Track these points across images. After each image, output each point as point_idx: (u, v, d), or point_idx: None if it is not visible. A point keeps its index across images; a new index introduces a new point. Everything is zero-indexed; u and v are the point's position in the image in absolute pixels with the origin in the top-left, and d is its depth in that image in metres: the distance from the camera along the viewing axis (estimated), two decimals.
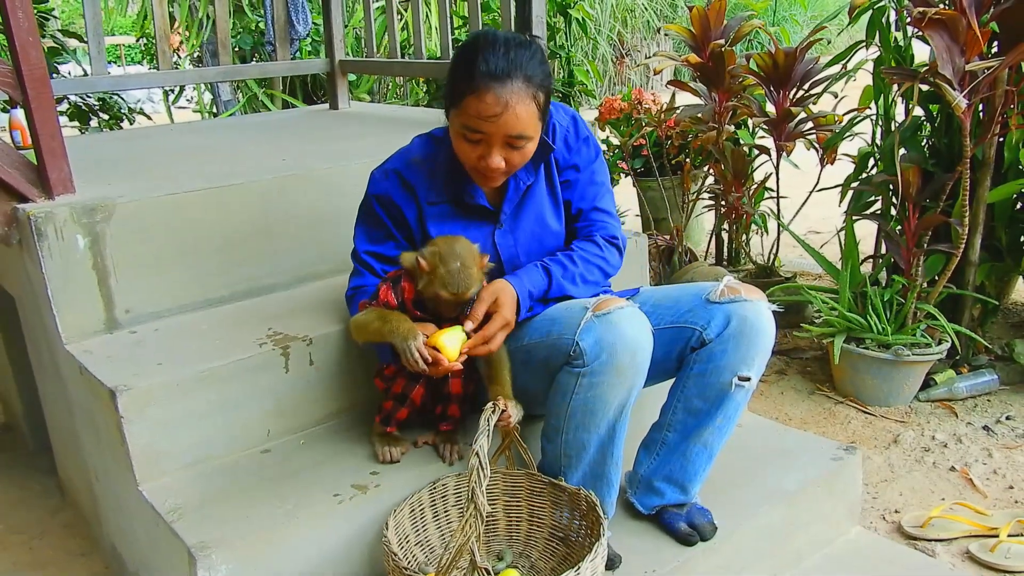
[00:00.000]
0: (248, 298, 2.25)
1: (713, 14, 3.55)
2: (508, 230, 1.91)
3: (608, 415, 1.71)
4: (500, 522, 1.87)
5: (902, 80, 2.80)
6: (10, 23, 1.87)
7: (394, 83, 6.49)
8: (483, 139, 1.70)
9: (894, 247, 2.99)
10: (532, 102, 1.68)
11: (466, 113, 1.68)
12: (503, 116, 1.65)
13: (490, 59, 1.64)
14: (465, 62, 1.68)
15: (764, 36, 6.51)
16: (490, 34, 1.72)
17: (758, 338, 1.75)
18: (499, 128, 1.67)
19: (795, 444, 2.24)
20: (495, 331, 1.73)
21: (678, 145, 4.43)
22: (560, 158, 1.92)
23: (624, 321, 1.65)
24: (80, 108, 5.08)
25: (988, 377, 2.99)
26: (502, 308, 1.75)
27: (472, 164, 1.76)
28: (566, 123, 1.93)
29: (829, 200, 3.63)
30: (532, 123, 1.70)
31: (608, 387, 1.67)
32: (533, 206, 1.92)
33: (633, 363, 1.66)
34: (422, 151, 1.90)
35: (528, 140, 1.72)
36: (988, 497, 2.43)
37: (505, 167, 1.74)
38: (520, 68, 1.65)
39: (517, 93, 1.65)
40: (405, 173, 1.87)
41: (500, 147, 1.71)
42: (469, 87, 1.66)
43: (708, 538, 1.84)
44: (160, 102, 8.94)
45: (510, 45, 1.67)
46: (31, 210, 1.92)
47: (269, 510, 1.69)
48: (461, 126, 1.71)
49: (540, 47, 1.74)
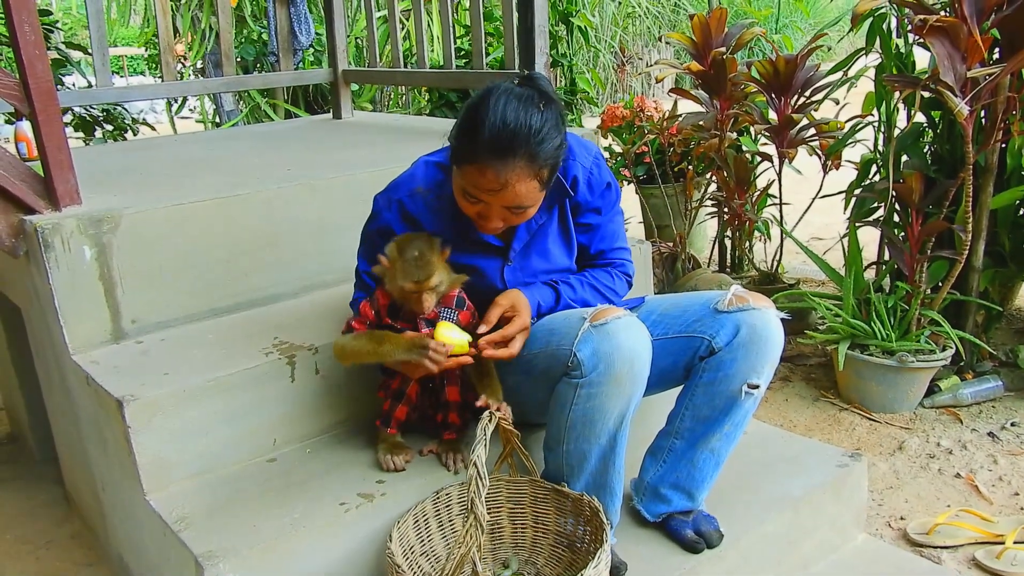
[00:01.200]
0: (254, 308, 2.26)
1: (714, 22, 3.56)
2: (518, 267, 1.89)
3: (608, 425, 1.71)
4: (505, 529, 1.87)
5: (904, 87, 2.81)
6: (17, 37, 1.89)
7: (396, 92, 6.51)
8: (481, 202, 1.67)
9: (897, 253, 3.00)
10: (534, 179, 1.63)
11: (466, 178, 1.65)
12: (501, 192, 1.62)
13: (495, 131, 1.57)
14: (471, 125, 1.61)
15: (766, 43, 6.54)
16: (499, 95, 1.61)
17: (767, 346, 1.76)
18: (497, 200, 1.64)
19: (800, 451, 2.24)
20: (514, 333, 1.72)
21: (680, 152, 4.45)
22: (582, 201, 1.88)
23: (621, 331, 1.65)
24: (84, 119, 5.09)
25: (993, 383, 2.99)
26: (521, 313, 1.75)
27: (471, 217, 1.74)
28: (589, 164, 1.86)
29: (832, 207, 3.64)
30: (532, 196, 1.65)
31: (606, 397, 1.67)
32: (544, 245, 1.90)
33: (631, 373, 1.65)
34: (427, 180, 1.84)
35: (528, 207, 1.69)
36: (994, 504, 2.42)
37: (504, 225, 1.73)
38: (525, 144, 1.58)
39: (518, 172, 1.59)
40: (409, 205, 1.83)
41: (499, 213, 1.69)
42: (471, 156, 1.61)
43: (714, 545, 1.84)
44: (163, 112, 8.97)
45: (519, 114, 1.58)
46: (38, 222, 1.93)
47: (276, 519, 1.70)
48: (460, 187, 1.68)
49: (554, 113, 1.64)
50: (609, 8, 9.50)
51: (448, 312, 1.81)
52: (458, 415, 1.90)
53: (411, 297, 1.74)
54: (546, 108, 1.62)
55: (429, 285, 1.72)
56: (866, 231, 3.32)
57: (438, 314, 1.80)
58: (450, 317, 1.80)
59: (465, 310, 1.84)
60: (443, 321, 1.75)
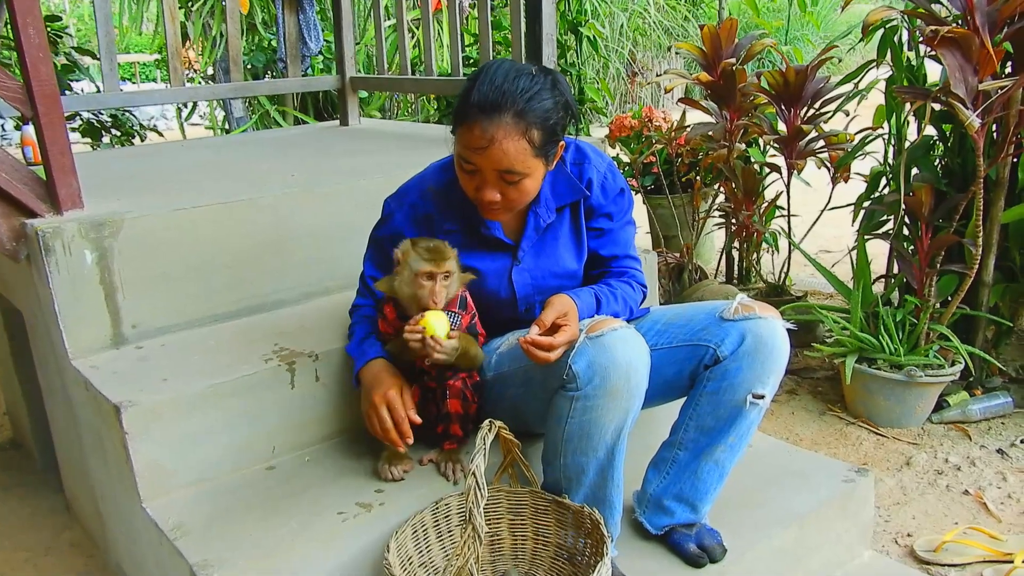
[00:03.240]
0: (255, 314, 2.25)
1: (724, 33, 3.54)
2: (525, 267, 1.90)
3: (605, 439, 1.68)
4: (505, 541, 1.85)
5: (914, 99, 2.78)
6: (21, 39, 1.89)
7: (405, 100, 6.52)
8: (476, 171, 1.69)
9: (906, 267, 2.97)
10: (522, 138, 1.64)
11: (459, 142, 1.69)
12: (488, 150, 1.64)
13: (483, 89, 1.63)
14: (465, 89, 1.68)
15: (776, 55, 6.52)
16: (496, 63, 1.69)
17: (772, 355, 1.73)
18: (487, 161, 1.66)
19: (806, 465, 2.21)
20: (561, 343, 1.67)
21: (688, 163, 4.43)
22: (595, 204, 1.90)
23: (618, 343, 1.63)
24: (92, 124, 5.11)
25: (1002, 399, 2.95)
26: (571, 324, 1.70)
27: (471, 195, 1.76)
28: (603, 169, 1.91)
29: (841, 219, 3.61)
30: (522, 159, 1.66)
31: (603, 411, 1.64)
32: (553, 246, 1.91)
33: (628, 386, 1.63)
34: (438, 180, 1.88)
35: (522, 176, 1.69)
36: (1002, 522, 2.39)
37: (502, 201, 1.72)
38: (511, 102, 1.62)
39: (504, 127, 1.62)
40: (419, 205, 1.87)
41: (494, 181, 1.69)
42: (461, 116, 1.66)
43: (718, 560, 1.81)
44: (173, 119, 9.01)
45: (508, 77, 1.64)
46: (39, 225, 1.93)
47: (273, 528, 1.68)
48: (457, 154, 1.72)
49: (551, 82, 1.69)
50: (619, 19, 9.50)
51: (452, 315, 1.80)
52: (460, 426, 1.89)
53: (422, 290, 1.74)
54: (541, 76, 1.68)
55: (445, 268, 1.73)
56: (875, 244, 3.30)
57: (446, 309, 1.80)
58: (453, 320, 1.79)
59: (467, 312, 1.84)
60: (435, 311, 1.74)
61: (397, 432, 1.76)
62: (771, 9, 10.78)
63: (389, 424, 1.75)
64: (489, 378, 1.91)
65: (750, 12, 6.33)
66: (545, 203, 1.86)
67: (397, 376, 1.82)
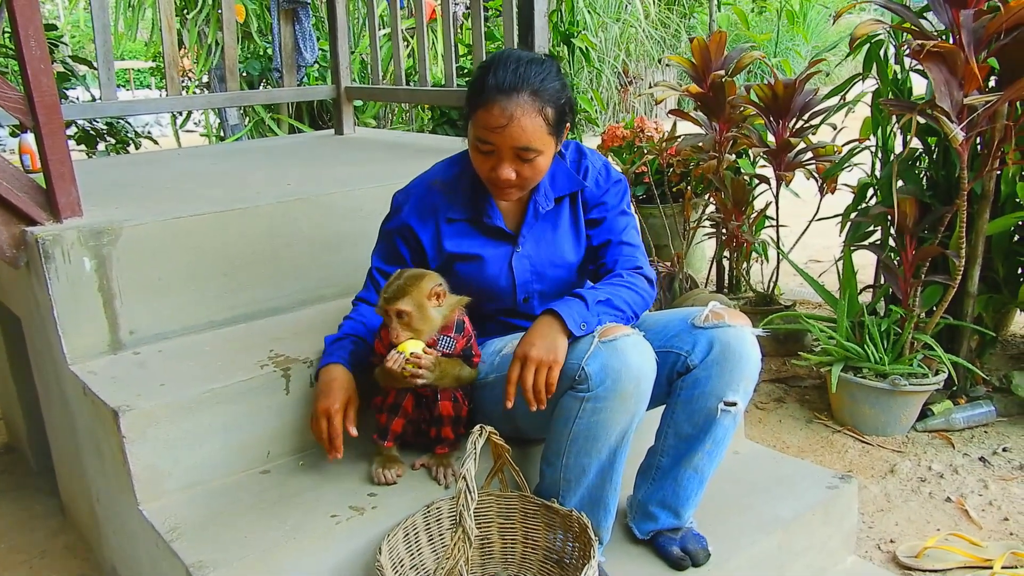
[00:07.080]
0: (251, 320, 2.28)
1: (714, 45, 3.59)
2: (525, 255, 1.95)
3: (610, 441, 1.72)
4: (495, 544, 1.88)
5: (901, 112, 2.83)
6: (23, 52, 1.92)
7: (399, 109, 6.55)
8: (493, 150, 1.77)
9: (892, 277, 3.01)
10: (539, 115, 1.74)
11: (477, 125, 1.77)
12: (508, 128, 1.72)
13: (499, 73, 1.73)
14: (479, 77, 1.78)
15: (765, 67, 6.57)
16: (506, 52, 1.81)
17: (740, 363, 1.77)
18: (505, 140, 1.74)
19: (791, 472, 2.25)
20: (528, 378, 1.67)
21: (679, 173, 4.48)
22: (590, 196, 1.97)
23: (630, 348, 1.67)
24: (88, 132, 5.13)
25: (985, 408, 3.00)
26: (523, 348, 1.70)
27: (486, 176, 1.83)
28: (599, 166, 2.00)
29: (829, 229, 3.66)
30: (539, 136, 1.75)
31: (611, 412, 1.68)
32: (553, 235, 1.97)
33: (637, 390, 1.68)
34: (444, 173, 1.98)
35: (537, 153, 1.77)
36: (983, 529, 2.43)
37: (517, 179, 1.79)
38: (527, 83, 1.73)
39: (522, 106, 1.72)
40: (427, 195, 1.95)
41: (510, 160, 1.77)
42: (479, 100, 1.75)
43: (700, 563, 1.85)
44: (168, 126, 9.02)
45: (521, 62, 1.75)
46: (39, 233, 1.96)
47: (268, 531, 1.71)
48: (474, 138, 1.79)
49: (555, 65, 1.82)
50: (612, 29, 9.56)
51: (446, 340, 1.83)
52: (451, 429, 1.91)
53: (392, 323, 1.77)
54: (549, 61, 1.82)
55: (396, 307, 1.74)
56: (863, 254, 3.34)
57: (436, 341, 1.81)
58: (447, 345, 1.82)
59: (462, 336, 1.86)
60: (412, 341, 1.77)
61: (330, 444, 1.80)
62: (761, 21, 10.85)
63: (325, 436, 1.79)
64: (490, 380, 1.93)
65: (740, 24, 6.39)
66: (544, 193, 1.94)
67: (346, 389, 1.84)
